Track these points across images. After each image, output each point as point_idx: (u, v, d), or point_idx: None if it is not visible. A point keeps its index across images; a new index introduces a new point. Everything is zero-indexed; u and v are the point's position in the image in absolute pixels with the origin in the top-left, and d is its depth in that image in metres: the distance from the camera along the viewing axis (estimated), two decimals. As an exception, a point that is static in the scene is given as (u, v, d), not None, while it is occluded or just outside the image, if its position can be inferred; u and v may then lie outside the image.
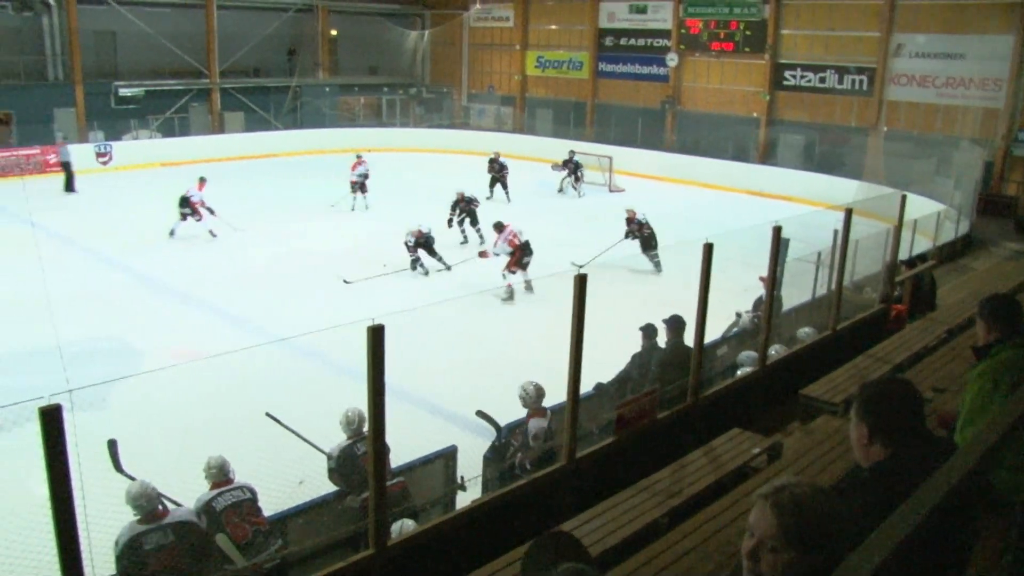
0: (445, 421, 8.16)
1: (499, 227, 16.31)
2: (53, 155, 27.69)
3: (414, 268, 17.23)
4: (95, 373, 10.38)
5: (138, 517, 5.62)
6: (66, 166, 25.95)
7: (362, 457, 6.38)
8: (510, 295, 15.53)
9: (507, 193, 25.43)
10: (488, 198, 24.33)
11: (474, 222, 20.18)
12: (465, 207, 20.18)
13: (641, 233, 17.94)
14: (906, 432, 2.83)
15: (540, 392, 7.16)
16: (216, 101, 34.88)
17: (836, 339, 9.57)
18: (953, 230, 19.66)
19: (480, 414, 7.53)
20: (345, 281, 16.09)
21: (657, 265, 17.53)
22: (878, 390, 2.96)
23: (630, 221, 18.23)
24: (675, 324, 8.59)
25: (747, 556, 2.08)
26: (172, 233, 19.53)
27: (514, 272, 15.82)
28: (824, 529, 2.01)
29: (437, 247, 17.50)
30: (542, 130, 36.03)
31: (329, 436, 6.86)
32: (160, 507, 5.70)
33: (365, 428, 6.07)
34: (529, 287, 15.75)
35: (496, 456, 7.32)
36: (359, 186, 23.47)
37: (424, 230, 17.30)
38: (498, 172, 25.53)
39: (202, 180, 20.23)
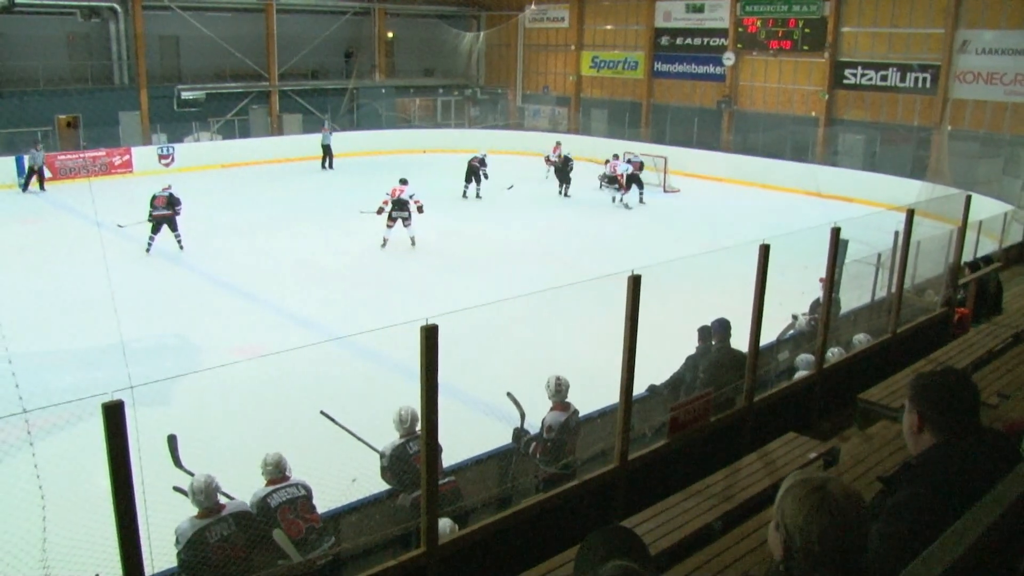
0: (497, 421, 8.16)
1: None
2: (119, 156, 28.44)
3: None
4: (157, 370, 10.62)
5: (198, 511, 5.71)
6: (326, 148, 31.50)
7: (414, 456, 6.41)
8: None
9: (478, 189, 25.87)
10: (464, 196, 25.54)
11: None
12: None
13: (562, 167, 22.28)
14: (957, 422, 2.79)
15: (561, 386, 7.16)
16: (275, 103, 35.43)
17: (896, 343, 9.37)
18: (1021, 232, 19.11)
19: (510, 396, 7.54)
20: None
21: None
22: (932, 379, 2.94)
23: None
24: (721, 328, 8.48)
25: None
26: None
27: (390, 227, 19.16)
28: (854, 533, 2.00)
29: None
30: (597, 131, 35.89)
31: (383, 435, 6.91)
32: (219, 501, 5.81)
33: (418, 427, 6.10)
34: (412, 242, 19.22)
35: (514, 440, 7.36)
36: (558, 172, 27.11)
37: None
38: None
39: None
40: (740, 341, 7.90)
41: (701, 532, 5.68)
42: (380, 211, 19.18)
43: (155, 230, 18.83)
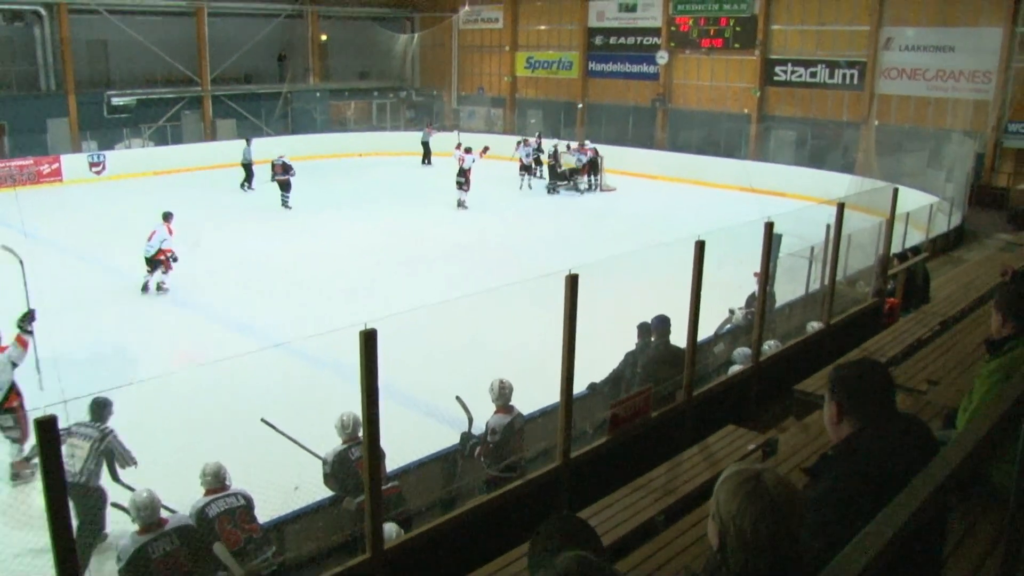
0: (439, 423, 8.16)
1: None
2: (47, 165, 27.74)
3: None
4: (92, 382, 10.37)
5: (139, 527, 5.61)
6: (425, 146, 33.11)
7: (356, 462, 6.38)
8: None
9: (287, 199, 24.49)
10: (288, 207, 24.43)
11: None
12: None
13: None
14: (874, 409, 2.88)
15: (504, 389, 7.22)
16: (208, 109, 34.87)
17: (830, 333, 9.58)
18: (946, 222, 19.70)
19: (458, 400, 7.56)
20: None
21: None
22: (848, 369, 3.01)
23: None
24: (660, 324, 8.57)
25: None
26: (145, 289, 16.10)
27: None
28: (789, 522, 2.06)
29: None
30: (533, 131, 35.96)
31: (327, 442, 6.87)
32: (161, 516, 5.72)
33: (360, 433, 6.08)
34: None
35: (460, 443, 7.41)
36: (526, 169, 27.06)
37: None
38: (282, 175, 24.48)
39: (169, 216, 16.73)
40: (678, 336, 8.00)
41: (645, 526, 5.74)
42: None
43: (285, 187, 24.17)
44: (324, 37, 39.70)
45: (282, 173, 24.23)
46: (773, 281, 9.87)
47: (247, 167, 27.23)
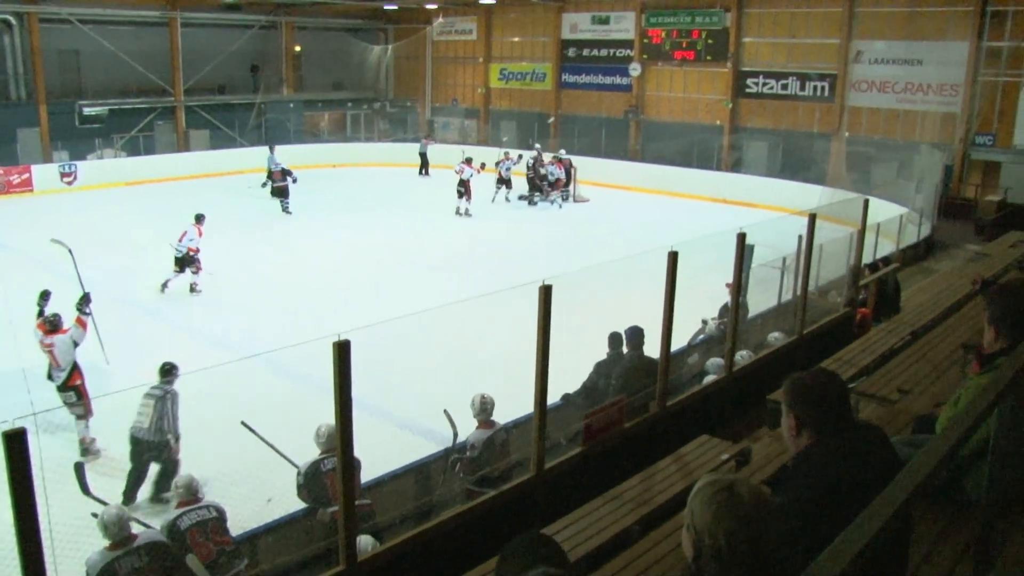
0: (414, 435, 8.15)
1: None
2: (17, 175, 27.44)
3: None
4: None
5: (109, 543, 5.55)
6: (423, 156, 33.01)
7: (327, 474, 6.36)
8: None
9: (287, 205, 25.04)
10: (288, 212, 24.88)
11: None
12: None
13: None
14: (831, 419, 2.91)
15: (486, 404, 7.26)
16: (181, 119, 34.62)
17: (803, 344, 9.65)
18: (915, 233, 19.93)
19: (446, 414, 7.57)
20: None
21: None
22: (803, 381, 3.04)
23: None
24: (634, 335, 8.60)
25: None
26: (165, 287, 16.71)
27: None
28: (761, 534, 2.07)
29: None
30: (507, 142, 36.02)
31: (306, 452, 6.83)
32: (131, 531, 5.66)
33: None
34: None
35: (445, 457, 7.45)
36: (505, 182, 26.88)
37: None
38: (280, 181, 25.09)
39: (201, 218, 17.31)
40: (652, 346, 8.03)
41: (619, 537, 5.75)
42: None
43: (283, 193, 24.65)
44: (298, 48, 39.60)
45: (281, 179, 24.74)
46: (746, 292, 9.93)
47: (271, 175, 27.47)
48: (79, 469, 6.54)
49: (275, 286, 17.06)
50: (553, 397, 6.84)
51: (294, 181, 24.88)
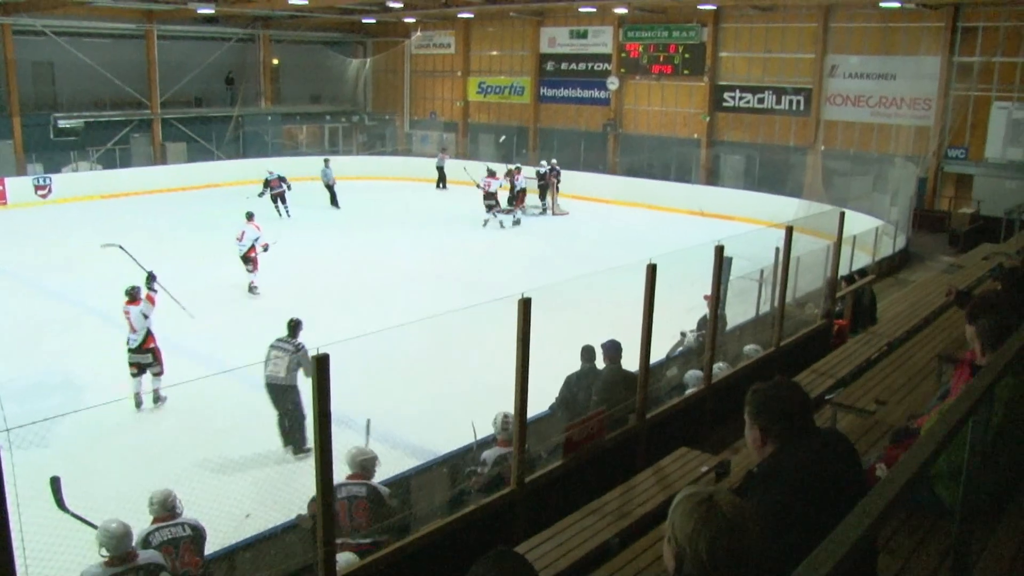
0: (391, 448, 8.10)
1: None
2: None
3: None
4: (36, 409, 10.12)
5: (107, 558, 5.42)
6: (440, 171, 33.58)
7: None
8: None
9: (287, 209, 26.31)
10: (288, 215, 25.97)
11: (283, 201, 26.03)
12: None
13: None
14: (794, 427, 2.94)
15: (508, 423, 7.18)
16: (157, 132, 34.45)
17: (780, 355, 9.70)
18: (891, 245, 20.11)
19: (473, 426, 7.54)
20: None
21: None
22: (766, 393, 3.07)
23: None
24: (612, 349, 8.60)
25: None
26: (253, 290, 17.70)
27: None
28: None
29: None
30: (485, 155, 36.02)
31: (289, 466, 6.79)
32: (131, 548, 5.53)
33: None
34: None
35: (458, 470, 7.39)
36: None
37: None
38: (277, 188, 26.43)
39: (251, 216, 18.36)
40: (631, 358, 8.04)
41: (599, 550, 5.74)
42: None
43: (282, 199, 26.06)
44: (276, 61, 39.53)
45: (277, 187, 26.06)
46: (724, 304, 9.98)
47: (330, 188, 28.70)
48: (55, 483, 6.45)
49: (262, 299, 16.94)
50: (535, 408, 6.81)
51: (288, 188, 26.25)
